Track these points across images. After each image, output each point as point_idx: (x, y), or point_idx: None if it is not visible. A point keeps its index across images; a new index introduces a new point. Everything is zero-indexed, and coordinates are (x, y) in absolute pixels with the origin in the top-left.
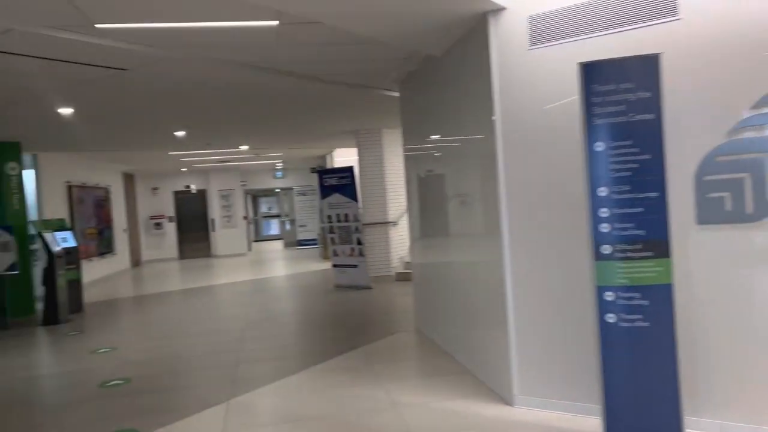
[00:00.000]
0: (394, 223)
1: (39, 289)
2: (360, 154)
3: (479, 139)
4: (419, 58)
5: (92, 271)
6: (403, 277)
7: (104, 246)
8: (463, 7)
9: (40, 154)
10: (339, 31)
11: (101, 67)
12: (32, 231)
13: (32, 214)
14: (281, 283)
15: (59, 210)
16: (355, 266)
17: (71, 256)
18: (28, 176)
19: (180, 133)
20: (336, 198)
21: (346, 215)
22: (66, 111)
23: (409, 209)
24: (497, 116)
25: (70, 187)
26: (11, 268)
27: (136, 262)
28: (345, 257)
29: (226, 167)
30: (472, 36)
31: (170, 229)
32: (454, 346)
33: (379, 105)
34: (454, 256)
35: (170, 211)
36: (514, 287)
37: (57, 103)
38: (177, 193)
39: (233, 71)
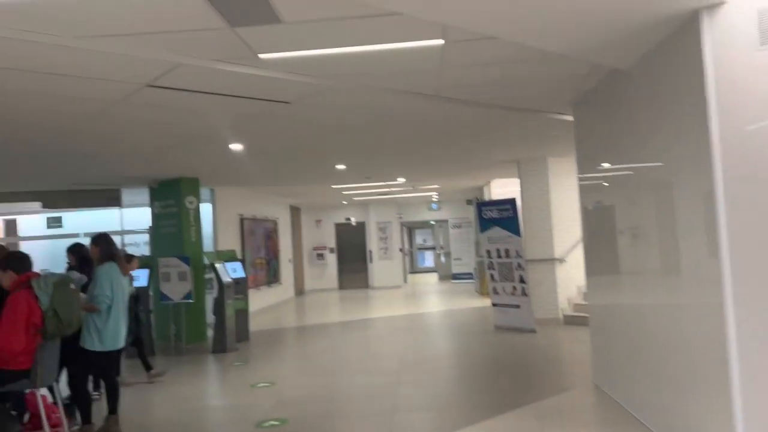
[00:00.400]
0: (562, 260)
1: (210, 318)
2: (522, 185)
3: (686, 162)
4: (601, 73)
5: (260, 299)
6: (572, 321)
7: (271, 275)
8: (672, 6)
9: (217, 188)
10: (511, 48)
11: (266, 100)
12: (206, 261)
13: (208, 245)
14: (437, 320)
15: (232, 241)
16: (517, 306)
17: (240, 286)
18: (206, 209)
19: (340, 167)
20: (496, 232)
21: (507, 250)
22: (236, 147)
23: (586, 244)
24: (714, 134)
25: (242, 220)
26: (187, 296)
27: (299, 291)
28: (506, 296)
29: (384, 200)
30: (676, 40)
31: (331, 260)
32: (648, 412)
33: (547, 131)
34: (647, 299)
35: (331, 242)
36: (739, 340)
37: (228, 139)
38: (338, 225)
39: (393, 100)
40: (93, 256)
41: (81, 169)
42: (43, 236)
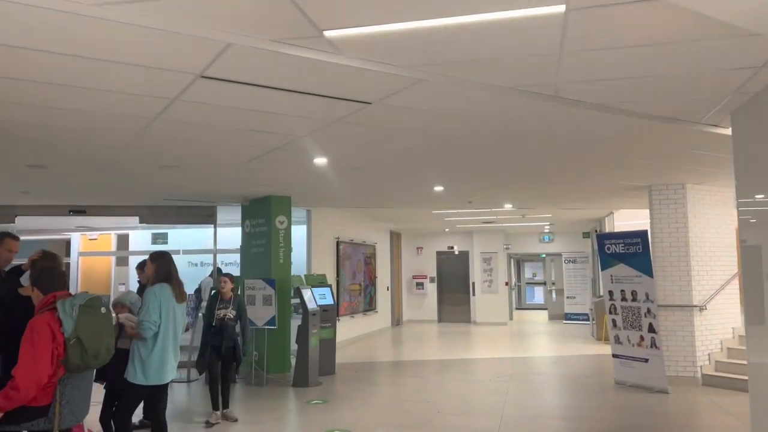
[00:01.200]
0: (702, 308)
1: (294, 347)
2: (653, 217)
3: None
4: None
5: (353, 327)
6: (714, 382)
7: (367, 303)
8: None
9: (313, 209)
10: (662, 20)
11: (342, 99)
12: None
13: (301, 268)
14: (545, 368)
15: (327, 265)
16: (644, 360)
17: (328, 313)
18: (300, 231)
19: (438, 188)
20: (621, 270)
21: (635, 293)
22: (320, 161)
23: (747, 288)
24: None
25: (338, 243)
26: (270, 322)
27: (396, 321)
28: (631, 347)
29: (490, 228)
30: None
31: (431, 290)
32: None
33: (692, 148)
34: None
35: (432, 271)
36: None
37: (310, 151)
38: (440, 254)
39: (496, 101)
40: (147, 274)
41: (169, 184)
42: (149, 252)
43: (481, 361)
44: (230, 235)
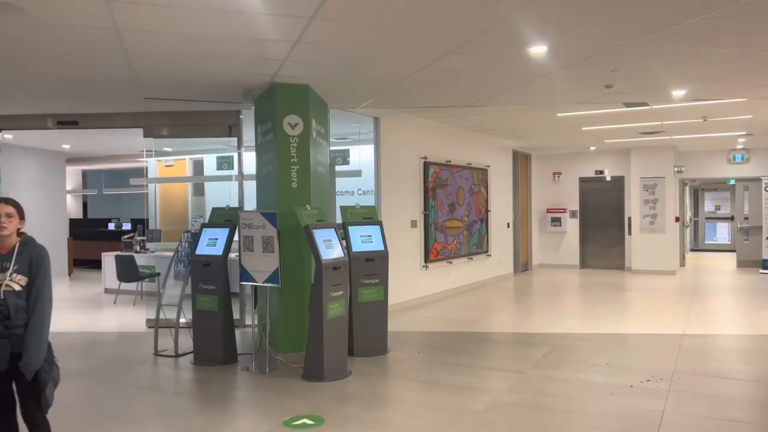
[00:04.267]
0: None
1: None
2: None
3: None
4: None
5: (449, 278)
6: None
7: (474, 244)
8: None
9: (383, 118)
10: None
11: None
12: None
13: (367, 199)
14: (734, 360)
15: (407, 195)
16: None
17: (374, 264)
18: (365, 149)
19: (538, 50)
20: None
21: None
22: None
23: None
24: None
25: (426, 164)
26: (272, 278)
27: (522, 266)
28: None
29: (654, 144)
30: None
31: (572, 227)
32: None
33: None
34: None
35: (573, 203)
36: None
37: None
38: (584, 180)
39: None
40: None
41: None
42: (215, 178)
43: (627, 338)
44: None
